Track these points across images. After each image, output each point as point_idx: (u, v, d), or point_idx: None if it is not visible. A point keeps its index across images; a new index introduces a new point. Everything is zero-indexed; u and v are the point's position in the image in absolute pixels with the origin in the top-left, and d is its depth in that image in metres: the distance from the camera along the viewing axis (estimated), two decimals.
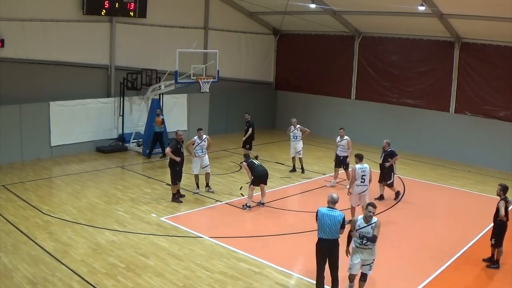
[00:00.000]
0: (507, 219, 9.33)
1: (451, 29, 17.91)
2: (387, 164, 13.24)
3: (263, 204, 12.59)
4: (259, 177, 12.37)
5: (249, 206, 12.30)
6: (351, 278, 7.99)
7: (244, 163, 12.72)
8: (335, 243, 7.75)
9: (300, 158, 15.88)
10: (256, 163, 12.65)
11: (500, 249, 9.47)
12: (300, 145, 15.76)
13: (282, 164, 17.07)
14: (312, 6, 18.00)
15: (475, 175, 16.59)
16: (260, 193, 12.65)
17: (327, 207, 7.87)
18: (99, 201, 12.44)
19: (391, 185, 13.49)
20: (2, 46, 15.52)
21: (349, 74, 22.03)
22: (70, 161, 16.37)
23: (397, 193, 13.67)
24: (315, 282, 8.07)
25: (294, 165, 16.12)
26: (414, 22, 18.23)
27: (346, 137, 14.51)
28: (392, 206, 13.08)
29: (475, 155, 18.06)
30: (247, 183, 12.93)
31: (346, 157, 14.48)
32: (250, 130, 16.70)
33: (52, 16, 16.68)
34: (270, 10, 20.96)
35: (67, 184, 13.91)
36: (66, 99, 17.05)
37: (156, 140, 17.15)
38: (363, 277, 7.98)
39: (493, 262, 9.50)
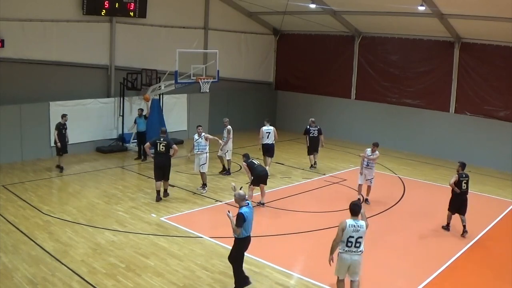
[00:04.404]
0: (462, 192, 11.11)
1: (451, 29, 17.91)
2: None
3: (263, 204, 12.59)
4: (259, 177, 12.37)
5: None
6: None
7: (244, 163, 12.71)
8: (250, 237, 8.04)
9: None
10: (256, 163, 12.65)
11: (451, 215, 11.35)
12: (226, 147, 15.26)
13: (282, 164, 17.08)
14: (312, 6, 18.01)
15: (475, 175, 16.53)
16: (260, 193, 12.65)
17: (243, 206, 7.84)
18: (99, 201, 12.44)
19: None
20: (2, 46, 15.52)
21: (349, 74, 22.03)
22: (70, 161, 16.36)
23: (312, 166, 16.62)
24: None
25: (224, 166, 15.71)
26: (414, 22, 18.23)
27: (271, 127, 15.76)
28: (392, 206, 13.09)
29: (475, 155, 18.03)
30: (247, 183, 12.93)
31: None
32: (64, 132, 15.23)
33: (52, 16, 16.68)
34: (270, 10, 20.96)
35: (67, 184, 13.92)
36: (66, 99, 17.05)
37: (140, 141, 17.01)
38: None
39: (446, 227, 11.43)
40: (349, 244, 7.24)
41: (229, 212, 7.95)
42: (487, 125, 18.14)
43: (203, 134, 13.58)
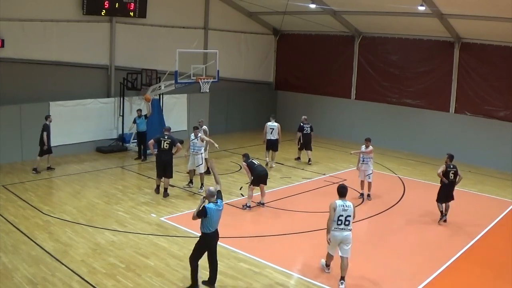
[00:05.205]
0: (449, 182, 11.64)
1: (451, 29, 17.91)
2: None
3: (263, 204, 12.59)
4: (259, 177, 12.37)
5: (249, 206, 12.30)
6: None
7: (244, 163, 12.71)
8: (217, 233, 8.12)
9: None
10: (256, 163, 12.64)
11: (440, 204, 11.75)
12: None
13: (282, 164, 17.09)
14: (312, 6, 18.01)
15: (475, 175, 16.59)
16: (260, 193, 12.65)
17: (211, 202, 7.90)
18: (99, 201, 12.44)
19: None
20: (2, 46, 15.51)
21: (349, 74, 22.03)
22: (70, 161, 16.37)
23: (297, 159, 17.67)
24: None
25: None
26: (414, 22, 18.23)
27: (276, 123, 16.68)
28: (392, 207, 13.09)
29: (475, 155, 18.05)
30: (247, 183, 12.93)
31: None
32: None
33: (52, 16, 16.67)
34: (270, 10, 20.96)
35: (67, 184, 13.91)
36: (66, 99, 17.05)
37: (140, 141, 17.02)
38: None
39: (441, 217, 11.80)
40: (339, 222, 8.27)
41: (203, 198, 8.04)
42: (487, 125, 18.13)
43: (199, 135, 13.63)
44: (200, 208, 7.85)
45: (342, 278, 8.37)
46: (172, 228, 10.84)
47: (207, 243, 8.03)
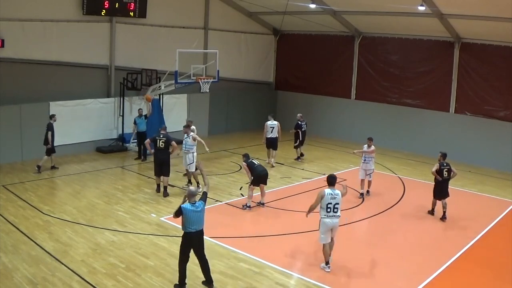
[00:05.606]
0: (443, 179, 11.97)
1: (451, 29, 17.91)
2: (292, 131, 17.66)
3: (263, 204, 12.59)
4: (259, 177, 12.37)
5: (249, 206, 12.30)
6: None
7: (244, 163, 12.71)
8: (202, 233, 8.10)
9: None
10: (256, 163, 12.64)
11: (435, 201, 12.24)
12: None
13: (282, 164, 17.08)
14: (312, 6, 18.01)
15: (475, 175, 16.59)
16: (260, 193, 12.65)
17: (189, 202, 7.93)
18: (99, 201, 12.44)
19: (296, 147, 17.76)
20: (2, 46, 15.52)
21: (349, 74, 22.02)
22: (70, 161, 16.37)
23: (299, 157, 17.69)
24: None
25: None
26: (414, 22, 18.23)
27: (275, 122, 16.78)
28: (392, 207, 13.09)
29: (475, 155, 18.05)
30: (247, 183, 12.93)
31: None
32: None
33: (52, 16, 16.68)
34: (270, 10, 20.96)
35: (67, 184, 13.91)
36: (66, 99, 17.05)
37: (140, 141, 17.02)
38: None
39: (431, 212, 12.42)
40: (328, 210, 8.80)
41: (185, 198, 8.11)
42: (487, 125, 18.13)
43: (191, 134, 13.62)
44: (178, 207, 7.92)
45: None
46: (172, 228, 10.84)
47: (188, 242, 8.01)
